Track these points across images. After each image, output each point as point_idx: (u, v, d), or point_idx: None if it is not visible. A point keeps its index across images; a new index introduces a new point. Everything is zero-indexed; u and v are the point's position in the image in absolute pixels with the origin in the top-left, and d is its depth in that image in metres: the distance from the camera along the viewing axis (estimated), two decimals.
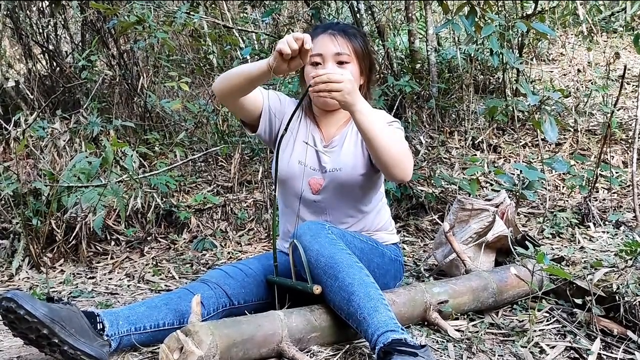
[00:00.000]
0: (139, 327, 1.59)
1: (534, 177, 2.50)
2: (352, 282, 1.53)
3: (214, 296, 1.75)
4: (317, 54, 1.82)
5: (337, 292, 1.54)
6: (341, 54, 1.81)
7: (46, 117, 3.65)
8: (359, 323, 1.48)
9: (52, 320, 1.39)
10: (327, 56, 1.82)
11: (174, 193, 3.32)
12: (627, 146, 3.62)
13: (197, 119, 3.93)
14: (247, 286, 1.83)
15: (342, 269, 1.56)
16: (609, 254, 2.16)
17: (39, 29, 4.63)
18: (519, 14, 4.25)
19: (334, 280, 1.55)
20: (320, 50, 1.82)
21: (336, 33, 1.83)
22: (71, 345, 1.40)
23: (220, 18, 4.40)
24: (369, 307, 1.48)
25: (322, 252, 1.60)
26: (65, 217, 2.70)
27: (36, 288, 2.35)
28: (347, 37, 1.84)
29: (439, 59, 4.31)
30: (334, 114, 1.93)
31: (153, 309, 1.65)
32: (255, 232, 3.07)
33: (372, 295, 1.51)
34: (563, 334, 1.72)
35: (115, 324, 1.56)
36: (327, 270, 1.57)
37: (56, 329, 1.39)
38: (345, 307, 1.52)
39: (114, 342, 1.53)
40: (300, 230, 1.69)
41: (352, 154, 1.88)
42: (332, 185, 1.87)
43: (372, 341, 1.42)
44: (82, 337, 1.44)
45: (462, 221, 2.29)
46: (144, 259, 2.79)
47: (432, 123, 3.87)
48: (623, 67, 2.84)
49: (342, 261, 1.58)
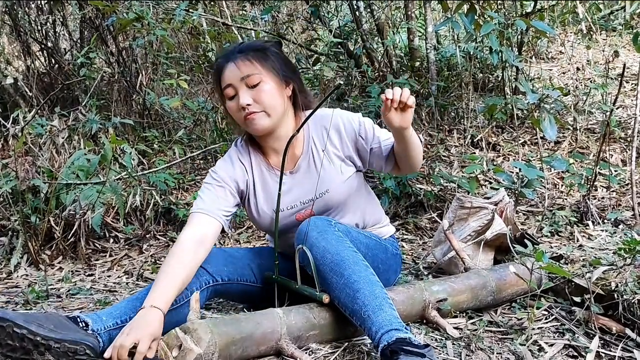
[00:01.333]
0: (125, 318, 1.55)
1: (533, 175, 2.50)
2: (357, 280, 1.53)
3: (195, 275, 1.68)
4: (227, 86, 1.74)
5: (343, 289, 1.54)
6: (248, 76, 1.71)
7: (45, 115, 3.65)
8: (363, 321, 1.48)
9: (25, 320, 1.35)
10: (236, 85, 1.73)
11: (173, 191, 3.32)
12: (626, 145, 3.62)
13: (196, 116, 3.92)
14: (229, 265, 1.80)
15: (349, 266, 1.56)
16: (608, 253, 2.16)
17: (38, 26, 4.62)
18: (518, 12, 4.24)
19: (340, 277, 1.55)
20: (228, 82, 1.74)
21: (237, 57, 1.74)
22: (55, 340, 1.35)
23: (219, 15, 4.39)
24: (373, 305, 1.48)
25: (328, 249, 1.60)
26: (63, 215, 2.70)
27: (35, 285, 2.35)
28: (250, 57, 1.74)
29: (438, 57, 4.31)
30: (276, 136, 1.81)
31: (135, 300, 1.61)
32: (254, 230, 3.07)
33: (377, 293, 1.51)
34: (562, 332, 1.72)
35: (99, 320, 1.53)
36: (333, 268, 1.57)
37: (33, 327, 1.34)
38: (350, 304, 1.52)
39: (103, 336, 1.50)
40: (305, 227, 1.67)
41: (329, 168, 1.80)
42: (321, 207, 1.82)
43: (376, 339, 1.42)
44: (62, 330, 1.39)
45: (461, 219, 2.29)
46: (143, 257, 2.79)
47: (431, 121, 3.87)
48: (622, 65, 2.84)
49: (348, 258, 1.57)
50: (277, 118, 1.76)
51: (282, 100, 1.77)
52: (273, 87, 1.74)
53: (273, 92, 1.74)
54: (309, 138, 1.83)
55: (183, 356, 1.37)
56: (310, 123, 1.81)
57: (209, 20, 4.41)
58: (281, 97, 1.76)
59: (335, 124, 1.80)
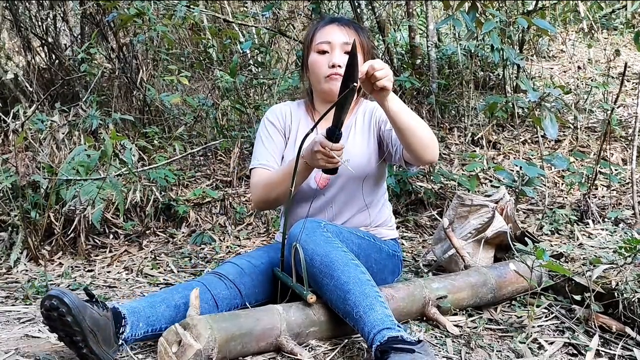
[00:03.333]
0: (156, 328, 1.57)
1: (533, 173, 2.50)
2: (347, 281, 1.52)
3: (229, 297, 1.71)
4: (325, 42, 1.85)
5: (333, 291, 1.54)
6: (349, 43, 1.81)
7: (45, 110, 3.64)
8: (356, 321, 1.48)
9: (90, 330, 1.40)
10: (335, 44, 1.84)
11: (173, 187, 3.32)
12: (626, 143, 3.62)
13: (197, 113, 3.92)
14: (259, 285, 1.81)
15: (337, 267, 1.55)
16: (608, 251, 2.16)
17: (38, 22, 4.61)
18: (519, 10, 4.24)
19: (330, 279, 1.55)
20: (328, 38, 1.84)
21: (344, 24, 1.87)
22: (92, 351, 1.41)
23: (220, 12, 4.39)
24: (364, 305, 1.47)
25: (317, 250, 1.59)
26: (63, 210, 2.70)
27: (34, 281, 2.35)
28: (355, 29, 1.87)
29: (439, 55, 4.30)
30: None
31: (172, 309, 1.62)
32: (254, 227, 3.07)
33: (368, 293, 1.50)
34: (562, 330, 1.72)
35: (136, 326, 1.54)
36: (322, 269, 1.56)
37: (89, 337, 1.40)
38: (342, 305, 1.52)
39: (129, 342, 1.53)
40: (295, 230, 1.67)
41: (359, 144, 1.89)
42: (339, 179, 1.87)
43: (369, 340, 1.42)
44: (104, 345, 1.44)
45: (461, 217, 2.29)
46: (143, 253, 2.79)
47: (432, 119, 3.87)
48: (623, 64, 2.84)
49: (337, 259, 1.57)
50: None
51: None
52: (360, 61, 1.80)
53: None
54: (356, 113, 1.95)
55: (182, 352, 1.37)
56: (366, 103, 1.99)
57: (210, 17, 4.41)
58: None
59: (372, 108, 1.95)
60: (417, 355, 1.31)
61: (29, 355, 1.51)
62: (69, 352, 1.51)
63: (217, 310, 1.67)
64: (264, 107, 3.66)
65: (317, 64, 1.86)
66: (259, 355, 1.51)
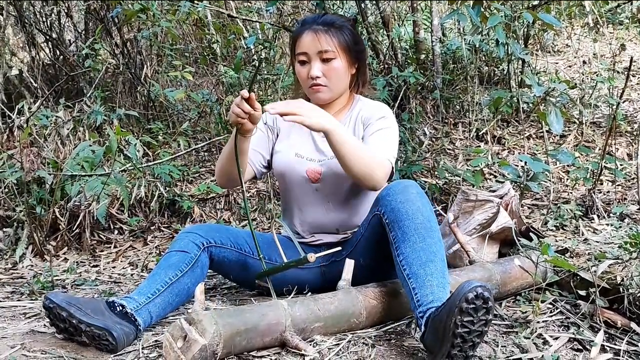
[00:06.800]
0: (153, 291, 1.66)
1: (538, 168, 2.49)
2: (436, 252, 1.54)
3: (190, 240, 1.80)
4: (302, 53, 1.87)
5: (418, 251, 1.54)
6: (325, 51, 1.84)
7: (50, 106, 3.65)
8: (421, 286, 1.48)
9: (68, 303, 1.50)
10: (311, 55, 1.86)
11: (178, 182, 3.32)
12: (632, 138, 3.60)
13: (201, 108, 3.92)
14: (220, 230, 1.89)
15: (434, 235, 1.57)
16: (613, 246, 2.15)
17: (42, 17, 4.62)
18: (524, 5, 4.22)
19: (422, 240, 1.55)
20: (304, 49, 1.87)
21: (319, 30, 1.85)
22: (87, 324, 1.49)
23: (224, 7, 4.38)
24: (439, 282, 1.49)
25: (423, 211, 1.60)
26: (68, 206, 2.71)
27: (40, 276, 2.36)
28: (331, 32, 1.86)
29: (444, 50, 4.29)
30: (329, 107, 1.94)
31: (153, 275, 1.73)
32: (258, 222, 3.07)
33: (446, 275, 1.53)
34: (566, 325, 1.71)
35: (132, 300, 1.62)
36: (419, 227, 1.57)
37: (72, 310, 1.50)
38: (416, 266, 1.52)
39: (142, 313, 1.60)
40: (402, 185, 1.66)
41: None
42: (330, 172, 1.89)
43: (426, 306, 1.44)
44: (96, 315, 1.52)
45: (466, 212, 2.29)
46: (147, 248, 2.79)
47: (436, 114, 3.86)
48: (629, 59, 2.82)
49: (435, 230, 1.59)
50: (337, 94, 1.92)
51: (347, 79, 1.93)
52: (343, 66, 1.88)
53: (342, 70, 1.88)
54: (352, 110, 1.97)
55: (188, 347, 1.37)
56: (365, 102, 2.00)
57: (214, 12, 4.40)
58: (346, 77, 1.92)
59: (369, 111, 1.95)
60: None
61: (34, 350, 1.52)
62: (74, 346, 1.52)
63: (187, 255, 1.77)
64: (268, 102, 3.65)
65: (300, 75, 1.91)
66: (263, 350, 1.51)
